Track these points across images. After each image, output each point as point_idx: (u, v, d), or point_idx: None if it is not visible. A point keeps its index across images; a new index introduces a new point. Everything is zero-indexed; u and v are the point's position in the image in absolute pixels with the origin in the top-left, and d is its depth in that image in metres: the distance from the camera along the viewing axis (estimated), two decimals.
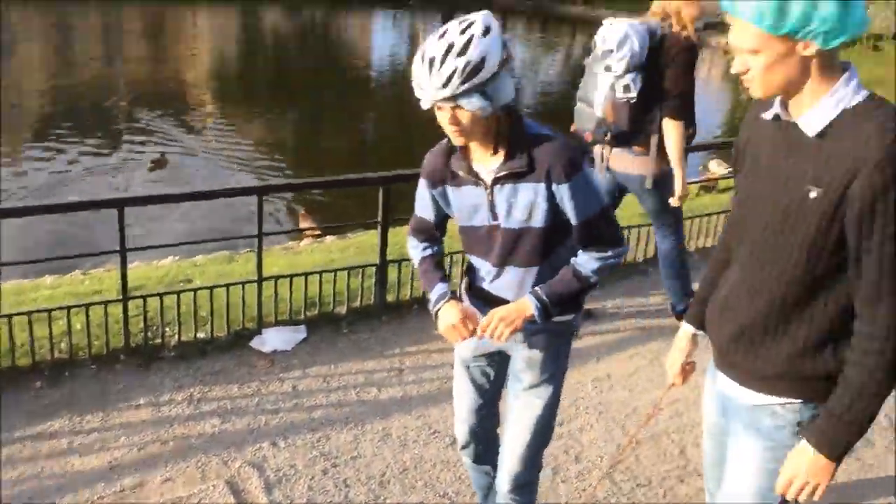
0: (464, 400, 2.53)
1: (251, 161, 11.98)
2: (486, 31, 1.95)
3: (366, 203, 4.65)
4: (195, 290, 4.25)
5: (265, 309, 4.34)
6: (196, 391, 3.79)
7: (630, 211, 6.69)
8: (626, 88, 3.82)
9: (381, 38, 26.43)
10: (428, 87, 1.96)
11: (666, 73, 3.83)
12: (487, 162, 2.13)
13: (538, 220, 2.13)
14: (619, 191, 4.29)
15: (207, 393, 3.78)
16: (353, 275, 4.59)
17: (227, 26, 26.40)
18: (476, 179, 2.15)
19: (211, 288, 4.23)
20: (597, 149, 4.13)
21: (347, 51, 23.87)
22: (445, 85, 1.93)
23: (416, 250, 2.42)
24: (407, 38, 26.24)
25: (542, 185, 2.07)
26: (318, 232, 7.19)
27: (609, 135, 3.95)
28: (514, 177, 2.09)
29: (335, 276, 4.53)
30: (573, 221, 2.12)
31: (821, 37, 1.56)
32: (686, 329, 2.16)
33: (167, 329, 4.17)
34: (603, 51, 3.84)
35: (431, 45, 1.96)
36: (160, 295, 4.18)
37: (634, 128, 3.91)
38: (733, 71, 1.68)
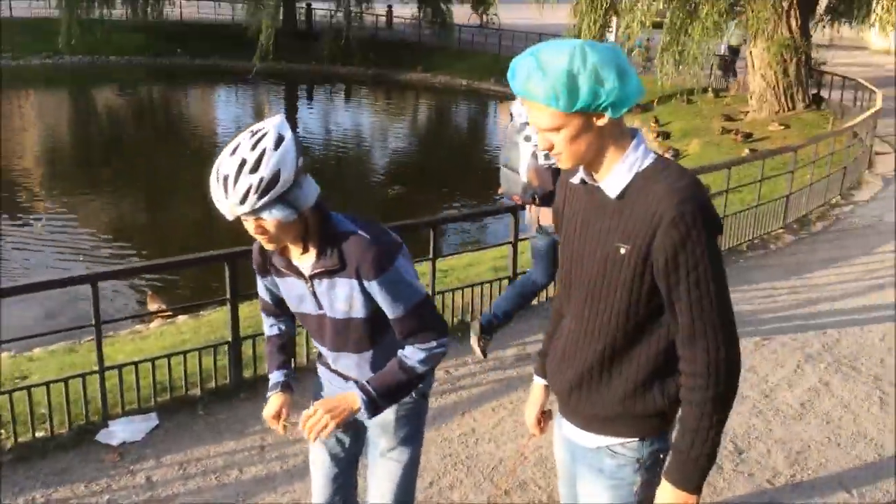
0: (320, 470, 2.49)
1: (91, 245, 11.43)
2: (279, 141, 1.93)
3: (218, 279, 4.53)
4: (29, 388, 3.96)
5: (110, 399, 4.11)
6: (38, 495, 3.52)
7: (483, 267, 6.88)
8: (547, 156, 4.13)
9: (224, 111, 26.10)
10: (225, 204, 1.93)
11: None
12: (302, 258, 2.13)
13: (359, 312, 2.14)
14: (555, 243, 4.61)
15: (51, 495, 3.52)
16: (206, 354, 4.43)
17: (58, 108, 25.30)
18: (297, 273, 2.16)
19: (47, 383, 3.97)
20: (527, 209, 4.52)
21: (190, 126, 23.40)
22: (242, 202, 1.91)
23: (265, 326, 2.45)
24: (251, 110, 26.05)
25: (355, 281, 2.08)
26: (168, 313, 6.90)
27: (536, 197, 4.27)
28: (329, 273, 2.10)
29: (185, 357, 4.36)
30: (389, 315, 2.13)
31: (610, 108, 1.71)
32: (537, 381, 2.26)
33: (2, 431, 3.86)
34: (520, 123, 4.20)
35: (224, 161, 1.93)
36: None
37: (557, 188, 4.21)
38: (540, 149, 1.80)
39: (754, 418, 4.30)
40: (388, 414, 2.30)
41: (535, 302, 5.87)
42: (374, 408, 2.12)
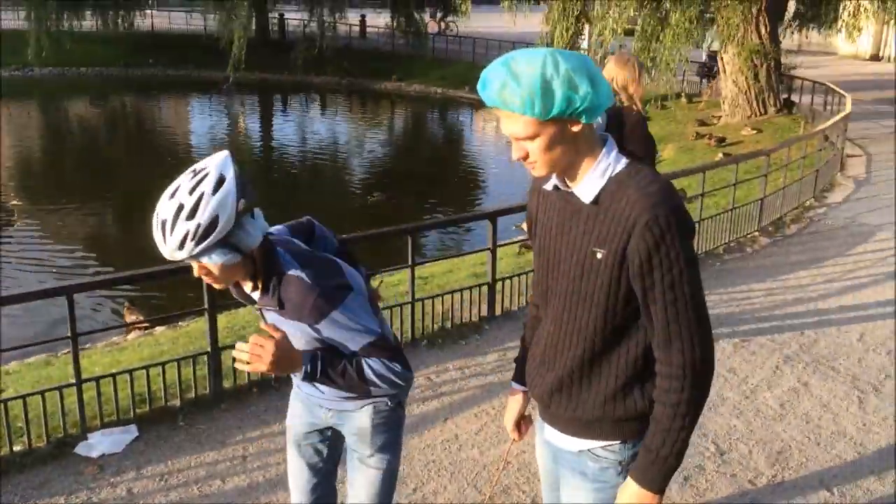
0: (298, 480, 2.47)
1: (65, 258, 11.29)
2: (219, 184, 1.88)
3: (196, 289, 4.48)
4: (6, 401, 3.90)
5: (89, 412, 4.05)
6: None
7: (462, 274, 6.89)
8: None
9: (199, 121, 25.93)
10: (165, 249, 1.90)
11: (628, 142, 4.28)
12: (253, 291, 2.11)
13: (308, 346, 2.11)
14: None
15: None
16: (185, 365, 4.39)
17: (29, 121, 24.99)
18: (251, 301, 2.15)
19: (24, 396, 3.91)
20: None
21: (166, 135, 23.23)
22: (180, 248, 1.88)
23: None
24: (226, 121, 25.91)
25: (297, 322, 2.06)
26: (145, 324, 6.82)
27: None
28: (274, 309, 2.08)
29: (163, 368, 4.31)
30: (344, 351, 2.11)
31: (584, 114, 1.71)
32: (515, 387, 2.26)
33: None
34: None
35: (163, 205, 1.90)
36: None
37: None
38: (514, 158, 1.79)
39: (735, 419, 4.33)
40: (365, 421, 2.29)
41: (515, 307, 5.89)
42: (311, 378, 2.08)
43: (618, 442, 1.93)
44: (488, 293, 5.73)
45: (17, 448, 3.86)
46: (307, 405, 2.39)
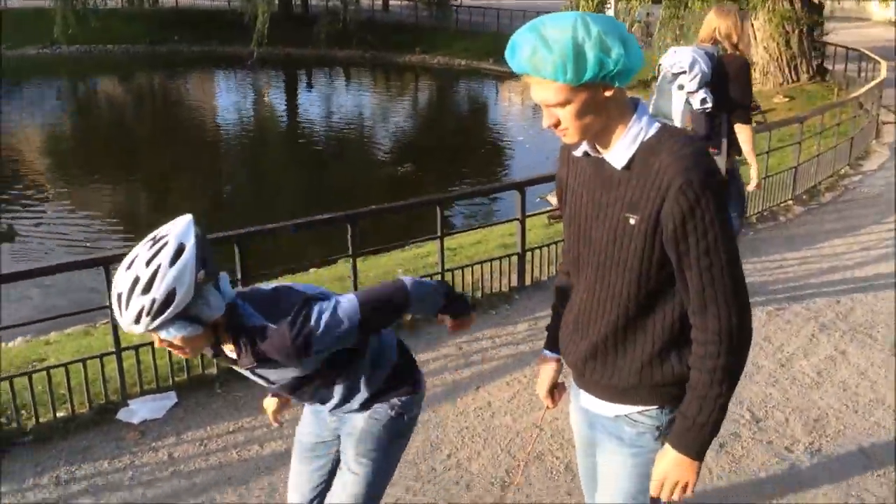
0: (297, 486, 2.43)
1: (101, 231, 11.45)
2: (177, 255, 1.81)
3: (228, 260, 4.53)
4: (48, 369, 3.98)
5: (129, 379, 4.13)
6: (62, 472, 3.54)
7: (491, 245, 6.89)
8: (703, 101, 4.41)
9: (224, 96, 26.03)
10: (122, 323, 1.83)
11: (731, 87, 4.48)
12: (227, 348, 2.04)
13: (305, 371, 2.08)
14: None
15: (75, 472, 3.55)
16: None
17: (60, 98, 25.22)
18: (232, 361, 2.07)
19: (66, 364, 3.99)
20: None
21: (192, 111, 23.36)
22: (136, 322, 1.81)
23: None
24: (252, 94, 25.98)
25: (281, 366, 2.02)
26: None
27: None
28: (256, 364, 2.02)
29: None
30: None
31: (616, 78, 1.67)
32: (547, 355, 2.24)
33: (23, 412, 3.89)
34: (673, 73, 4.44)
35: (120, 276, 1.83)
36: (10, 378, 3.88)
37: (710, 133, 4.50)
38: (545, 125, 1.75)
39: (770, 387, 4.30)
40: (359, 423, 2.26)
41: (545, 277, 5.88)
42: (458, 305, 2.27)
43: (655, 407, 1.91)
44: (518, 263, 5.72)
45: (60, 414, 3.94)
46: (315, 412, 2.37)
